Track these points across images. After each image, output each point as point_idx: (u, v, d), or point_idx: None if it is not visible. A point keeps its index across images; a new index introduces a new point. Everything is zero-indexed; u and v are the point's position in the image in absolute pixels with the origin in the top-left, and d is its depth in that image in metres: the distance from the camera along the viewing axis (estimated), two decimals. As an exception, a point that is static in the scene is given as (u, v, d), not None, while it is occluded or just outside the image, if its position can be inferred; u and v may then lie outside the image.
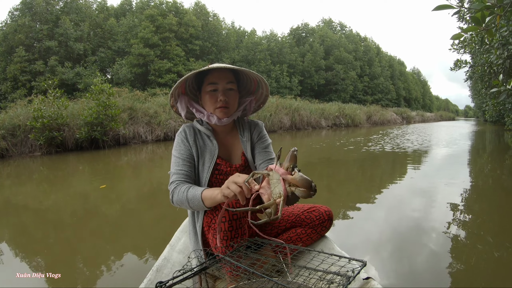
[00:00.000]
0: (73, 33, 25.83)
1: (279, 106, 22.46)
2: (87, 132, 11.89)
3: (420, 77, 76.82)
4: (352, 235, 3.71)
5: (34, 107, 11.50)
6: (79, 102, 14.36)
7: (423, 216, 4.19)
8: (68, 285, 2.67)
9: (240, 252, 1.55)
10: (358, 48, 46.66)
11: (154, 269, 1.92)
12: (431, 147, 12.42)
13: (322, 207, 2.03)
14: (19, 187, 6.91)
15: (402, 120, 41.52)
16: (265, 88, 1.97)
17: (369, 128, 27.23)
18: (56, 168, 9.22)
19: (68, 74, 24.15)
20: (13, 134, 11.52)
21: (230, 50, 34.77)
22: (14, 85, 24.09)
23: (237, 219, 1.61)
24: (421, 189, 5.71)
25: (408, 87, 60.01)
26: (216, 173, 1.86)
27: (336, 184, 6.49)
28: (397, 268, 2.84)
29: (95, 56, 27.63)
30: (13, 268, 2.97)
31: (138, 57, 26.92)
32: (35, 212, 4.98)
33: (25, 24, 24.72)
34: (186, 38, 29.93)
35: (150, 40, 27.28)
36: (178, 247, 2.15)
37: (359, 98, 42.91)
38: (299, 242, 1.98)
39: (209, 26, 32.46)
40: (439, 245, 3.27)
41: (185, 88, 1.92)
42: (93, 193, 6.05)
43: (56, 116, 11.63)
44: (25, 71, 24.21)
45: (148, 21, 28.12)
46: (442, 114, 74.89)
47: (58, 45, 25.29)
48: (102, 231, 4.09)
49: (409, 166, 8.16)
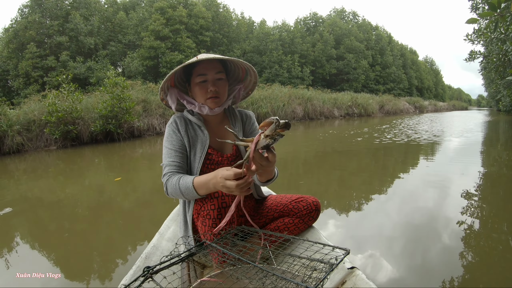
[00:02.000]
0: (84, 27, 25.82)
1: (292, 96, 22.32)
2: (102, 125, 11.87)
3: (433, 66, 75.76)
4: (362, 227, 3.62)
5: (48, 102, 11.51)
6: (92, 96, 14.36)
7: (436, 207, 4.08)
8: (80, 274, 2.75)
9: (228, 239, 1.58)
10: (370, 37, 46.04)
11: (143, 256, 1.94)
12: (447, 136, 12.12)
13: (310, 198, 2.06)
14: (35, 181, 6.90)
15: (415, 109, 41.07)
16: (254, 75, 1.99)
17: (381, 118, 26.93)
18: (72, 162, 9.20)
19: (80, 69, 24.15)
20: (28, 129, 11.53)
21: (241, 41, 34.62)
22: (27, 81, 24.17)
23: (226, 207, 1.66)
24: (436, 179, 5.54)
25: (420, 76, 59.12)
26: (207, 163, 1.88)
27: (348, 175, 6.31)
28: (410, 262, 2.74)
29: (106, 50, 27.60)
30: (27, 265, 2.96)
31: (149, 49, 26.95)
32: (51, 205, 4.95)
33: (35, 20, 24.70)
34: (197, 30, 29.83)
35: (160, 33, 27.27)
36: (167, 235, 2.21)
37: (371, 87, 42.41)
38: (286, 231, 2.00)
39: (219, 17, 32.29)
40: (454, 239, 3.14)
41: (174, 81, 1.94)
42: (109, 186, 6.01)
43: (71, 110, 11.64)
44: (37, 67, 24.25)
45: (158, 13, 28.08)
46: (455, 103, 73.93)
47: (69, 40, 25.30)
48: (116, 224, 4.05)
49: (423, 156, 7.97)
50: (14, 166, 8.99)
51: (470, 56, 9.24)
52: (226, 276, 1.43)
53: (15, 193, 5.74)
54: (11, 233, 3.81)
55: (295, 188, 5.29)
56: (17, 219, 4.31)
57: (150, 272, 1.32)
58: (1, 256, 3.16)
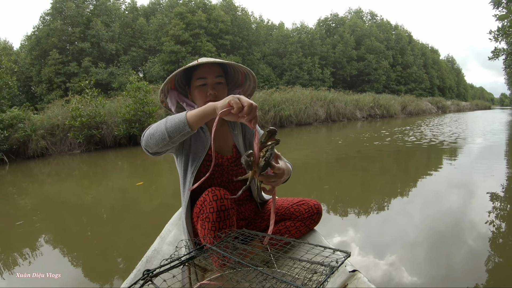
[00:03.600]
0: (105, 34, 26.13)
1: (314, 98, 22.00)
2: (125, 129, 11.89)
3: (454, 65, 74.45)
4: (383, 232, 3.50)
5: (72, 107, 11.65)
6: (115, 100, 14.45)
7: (462, 211, 3.91)
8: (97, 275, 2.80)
9: (228, 242, 1.56)
10: (390, 37, 45.26)
11: (144, 260, 1.94)
12: (471, 137, 11.66)
13: (311, 201, 2.04)
14: (59, 183, 6.98)
15: (437, 109, 40.30)
16: (253, 80, 1.99)
17: (404, 119, 26.47)
18: (95, 165, 9.30)
19: (102, 74, 24.44)
20: (52, 133, 11.66)
21: (260, 43, 34.52)
22: (49, 87, 24.63)
23: (225, 210, 1.64)
24: (460, 182, 5.32)
25: (442, 76, 57.85)
26: (208, 164, 1.88)
27: (371, 177, 6.14)
28: (432, 271, 2.59)
29: (127, 56, 27.88)
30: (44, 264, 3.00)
31: (170, 54, 27.09)
32: (73, 208, 5.00)
33: (57, 27, 25.13)
34: (216, 34, 29.85)
35: (180, 37, 27.40)
36: (168, 239, 2.19)
37: (392, 88, 41.66)
38: (287, 234, 1.99)
39: (238, 20, 32.25)
40: (480, 245, 2.97)
41: (174, 84, 1.94)
42: (131, 190, 6.00)
43: (94, 115, 11.77)
44: (60, 73, 24.68)
45: (178, 18, 28.23)
46: (477, 103, 72.36)
47: (90, 47, 25.63)
48: (137, 227, 4.05)
49: (451, 158, 7.64)
50: (38, 169, 9.11)
51: (494, 53, 8.93)
52: (226, 279, 1.45)
53: (39, 195, 5.79)
54: (29, 234, 3.86)
55: (318, 192, 5.11)
56: (35, 221, 4.31)
57: (150, 275, 1.32)
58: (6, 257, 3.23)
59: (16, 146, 10.68)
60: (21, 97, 24.65)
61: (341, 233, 3.41)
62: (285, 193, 3.36)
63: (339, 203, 4.57)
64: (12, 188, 6.93)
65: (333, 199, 4.75)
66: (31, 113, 12.06)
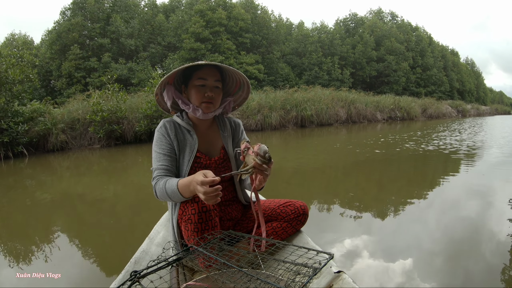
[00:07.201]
0: (124, 30, 26.31)
1: (334, 98, 21.66)
2: (146, 125, 11.85)
3: (474, 68, 73.39)
4: (398, 237, 3.29)
5: (93, 101, 11.61)
6: (136, 96, 14.39)
7: (480, 219, 3.68)
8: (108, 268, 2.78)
9: (214, 244, 1.60)
10: (410, 38, 44.57)
11: (132, 261, 1.94)
12: (493, 143, 10.98)
13: (297, 202, 2.06)
14: (78, 177, 6.93)
15: (457, 113, 39.58)
16: (246, 91, 2.07)
17: (424, 122, 25.89)
18: (115, 160, 9.24)
19: (122, 70, 24.55)
20: (72, 127, 11.62)
21: (280, 42, 34.32)
22: (69, 82, 24.92)
23: (206, 211, 1.68)
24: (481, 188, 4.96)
25: (462, 79, 56.84)
26: (195, 166, 1.90)
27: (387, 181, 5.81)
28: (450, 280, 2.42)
29: (146, 52, 28.01)
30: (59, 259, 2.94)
31: (189, 51, 27.20)
32: (91, 203, 4.90)
33: (78, 23, 25.35)
34: (236, 32, 29.84)
35: (201, 35, 27.50)
36: (156, 240, 2.19)
37: (412, 90, 41.01)
38: (274, 235, 2.00)
39: (258, 19, 32.16)
40: (497, 254, 2.77)
41: (173, 79, 1.96)
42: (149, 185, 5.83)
43: (115, 110, 11.71)
44: (80, 68, 24.94)
45: (198, 16, 28.34)
46: (497, 107, 71.26)
47: (110, 42, 25.85)
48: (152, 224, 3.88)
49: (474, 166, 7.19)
50: (57, 163, 9.04)
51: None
52: (212, 280, 1.48)
53: (57, 188, 5.81)
54: (39, 225, 3.83)
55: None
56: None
57: (137, 276, 1.33)
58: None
59: (35, 140, 10.58)
60: (40, 91, 24.88)
61: (351, 236, 3.25)
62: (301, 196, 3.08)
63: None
64: (31, 181, 6.80)
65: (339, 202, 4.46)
66: (51, 107, 12.01)
